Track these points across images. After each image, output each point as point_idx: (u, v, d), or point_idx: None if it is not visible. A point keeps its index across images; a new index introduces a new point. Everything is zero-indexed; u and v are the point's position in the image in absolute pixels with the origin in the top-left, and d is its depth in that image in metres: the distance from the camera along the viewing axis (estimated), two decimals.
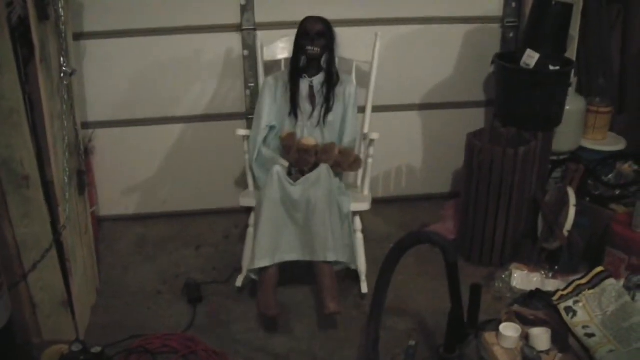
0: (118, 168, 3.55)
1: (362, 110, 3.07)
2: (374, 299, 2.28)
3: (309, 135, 2.92)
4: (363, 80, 3.15)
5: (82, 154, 2.77)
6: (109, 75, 3.34)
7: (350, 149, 2.91)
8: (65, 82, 2.50)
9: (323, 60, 2.94)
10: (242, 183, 3.57)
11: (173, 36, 3.31)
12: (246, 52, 3.35)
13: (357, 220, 2.89)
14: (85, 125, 3.34)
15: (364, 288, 2.91)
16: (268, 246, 2.65)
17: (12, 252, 2.38)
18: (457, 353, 2.34)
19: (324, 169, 2.70)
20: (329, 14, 2.90)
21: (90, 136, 3.39)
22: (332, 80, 2.94)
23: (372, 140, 2.88)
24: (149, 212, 3.68)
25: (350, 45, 3.02)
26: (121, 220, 3.64)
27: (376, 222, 3.57)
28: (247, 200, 2.88)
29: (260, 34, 3.16)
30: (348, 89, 2.96)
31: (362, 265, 2.92)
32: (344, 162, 2.82)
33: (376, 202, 3.16)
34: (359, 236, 2.90)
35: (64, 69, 2.48)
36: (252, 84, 3.40)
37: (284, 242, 2.69)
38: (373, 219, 2.96)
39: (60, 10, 2.41)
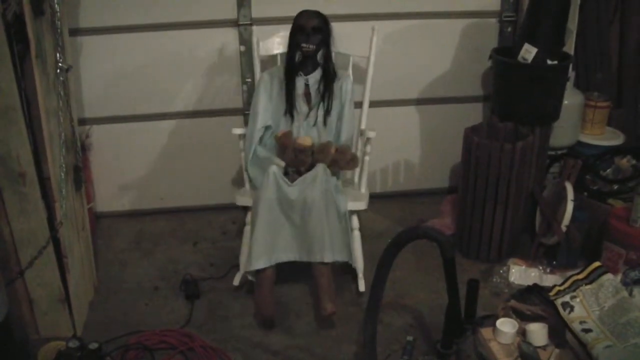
0: (115, 164, 3.54)
1: (359, 105, 3.06)
2: (371, 294, 2.27)
3: (306, 134, 2.88)
4: (360, 75, 3.14)
5: (79, 150, 2.77)
6: (106, 71, 3.33)
7: (347, 146, 2.87)
8: (61, 78, 2.48)
9: (319, 56, 2.89)
10: (239, 179, 3.57)
11: (169, 32, 3.30)
12: (242, 48, 3.35)
13: (355, 219, 2.88)
14: (82, 121, 3.33)
15: (361, 286, 2.90)
16: (265, 247, 2.63)
17: (9, 249, 2.37)
18: (454, 348, 2.35)
19: (320, 168, 2.67)
20: (325, 9, 2.89)
21: (87, 132, 3.38)
22: (329, 78, 2.89)
23: (368, 139, 2.84)
24: (146, 208, 3.67)
25: (347, 40, 3.00)
26: (118, 217, 3.63)
27: (374, 218, 3.57)
28: (243, 199, 2.87)
29: (256, 29, 3.15)
30: (344, 85, 2.92)
31: (359, 263, 2.90)
32: (340, 160, 2.78)
33: (374, 197, 3.16)
34: (356, 234, 2.89)
35: (59, 64, 2.47)
36: (249, 80, 3.40)
37: (280, 243, 2.66)
38: (371, 214, 2.96)
39: (56, 5, 2.40)
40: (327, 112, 2.90)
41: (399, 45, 3.47)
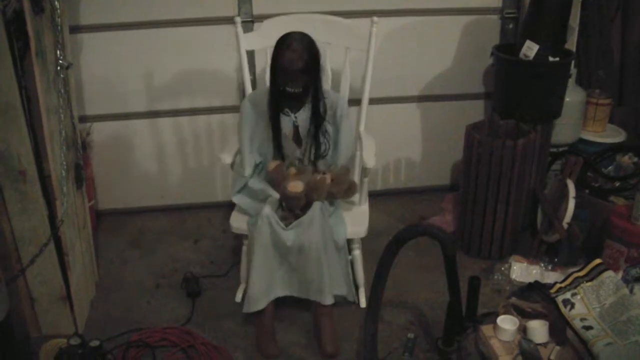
0: (116, 162, 3.55)
1: (358, 102, 3.04)
2: (372, 292, 2.28)
3: (298, 170, 2.64)
4: (359, 70, 3.10)
5: (80, 147, 2.77)
6: (106, 69, 3.32)
7: (344, 172, 2.64)
8: (61, 76, 2.48)
9: (307, 92, 2.56)
10: None
11: (170, 29, 3.29)
12: None
13: (357, 238, 2.77)
14: (83, 118, 3.33)
15: (362, 303, 2.82)
16: (262, 289, 2.53)
17: (9, 247, 2.37)
18: (455, 346, 2.35)
19: (316, 209, 2.48)
20: (325, 6, 2.87)
21: (88, 130, 3.38)
22: (319, 118, 2.60)
23: (365, 169, 2.65)
24: (147, 205, 3.68)
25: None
26: (119, 214, 3.63)
27: (375, 215, 3.54)
28: (238, 225, 2.67)
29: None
30: (339, 110, 2.64)
31: (360, 280, 2.84)
32: (337, 192, 2.60)
33: (375, 195, 3.15)
34: (357, 253, 2.79)
35: (60, 62, 2.47)
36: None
37: (278, 281, 2.57)
38: (371, 211, 2.95)
39: (56, 3, 2.40)
40: (317, 157, 2.68)
41: (399, 42, 3.46)
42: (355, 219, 2.72)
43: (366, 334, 2.29)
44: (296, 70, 2.41)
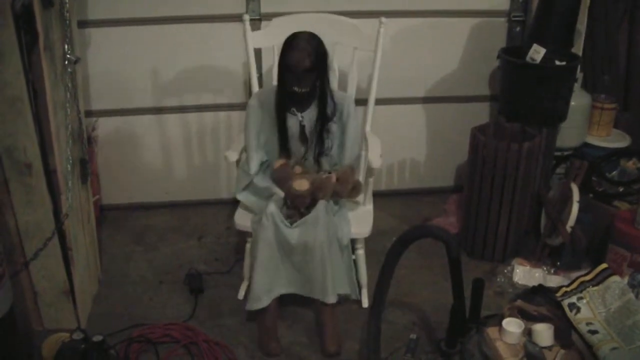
0: (121, 157, 3.54)
1: (364, 102, 3.04)
2: (376, 292, 2.28)
3: (304, 168, 2.65)
4: (365, 71, 3.11)
5: (85, 142, 2.77)
6: (113, 64, 3.32)
7: (350, 171, 2.63)
8: (69, 70, 2.48)
9: (314, 92, 2.58)
10: None
11: (178, 25, 3.29)
12: None
13: (361, 239, 2.76)
14: (89, 113, 3.33)
15: (365, 302, 2.83)
16: (265, 287, 2.53)
17: (14, 240, 2.38)
18: (458, 348, 2.34)
19: (321, 208, 2.48)
20: (333, 6, 2.87)
21: (94, 125, 3.38)
22: (325, 117, 2.60)
23: (371, 169, 2.64)
24: (152, 201, 3.67)
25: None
26: (124, 210, 3.63)
27: (379, 216, 3.55)
28: (242, 223, 2.68)
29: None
30: (346, 110, 2.64)
31: (363, 280, 2.82)
32: (342, 192, 2.59)
33: (379, 195, 3.15)
34: (361, 253, 2.78)
35: (67, 56, 2.46)
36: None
37: (281, 279, 2.56)
38: (376, 212, 2.95)
39: None
40: (321, 154, 2.67)
41: (406, 43, 3.46)
42: (360, 219, 2.72)
43: (369, 334, 2.29)
44: (303, 70, 2.42)
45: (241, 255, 2.98)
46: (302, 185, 2.52)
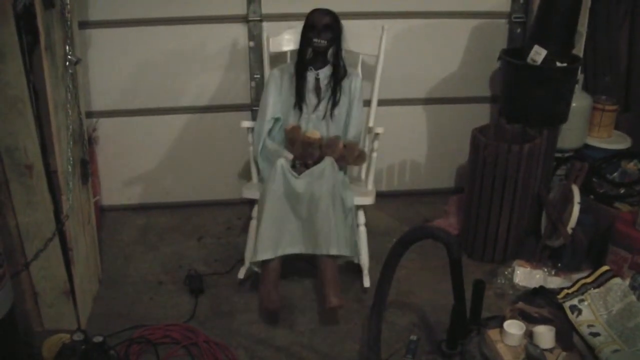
0: (121, 158, 3.54)
1: (367, 103, 3.05)
2: (377, 293, 2.27)
3: (314, 128, 2.89)
4: (369, 73, 3.13)
5: (86, 143, 2.77)
6: (114, 65, 3.32)
7: (355, 142, 2.88)
8: (70, 71, 2.48)
9: (330, 53, 2.90)
10: (245, 174, 3.57)
11: (178, 26, 3.29)
12: (252, 44, 3.34)
13: (361, 214, 2.88)
14: (89, 114, 3.33)
15: (366, 282, 2.90)
16: (271, 239, 2.64)
17: (14, 241, 2.37)
18: (458, 349, 2.34)
19: (328, 162, 2.67)
20: (335, 7, 2.88)
21: (94, 125, 3.38)
22: (338, 74, 2.90)
23: (377, 134, 2.84)
24: (152, 202, 3.67)
25: (357, 38, 3.00)
26: (124, 210, 3.63)
27: (379, 216, 3.57)
28: (250, 192, 2.87)
29: (266, 25, 3.14)
30: (354, 83, 2.93)
31: (364, 259, 2.91)
32: (348, 156, 2.80)
33: (379, 196, 3.15)
34: (362, 229, 2.89)
35: (69, 57, 2.46)
36: (258, 76, 3.39)
37: (286, 235, 2.67)
38: (376, 213, 2.95)
39: None
40: (335, 105, 2.91)
41: (407, 44, 3.46)
42: (362, 192, 2.88)
43: (370, 334, 2.28)
44: (323, 25, 2.80)
45: (241, 256, 3.00)
46: (314, 133, 2.77)
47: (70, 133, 2.48)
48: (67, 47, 2.45)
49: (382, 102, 3.20)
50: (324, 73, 2.93)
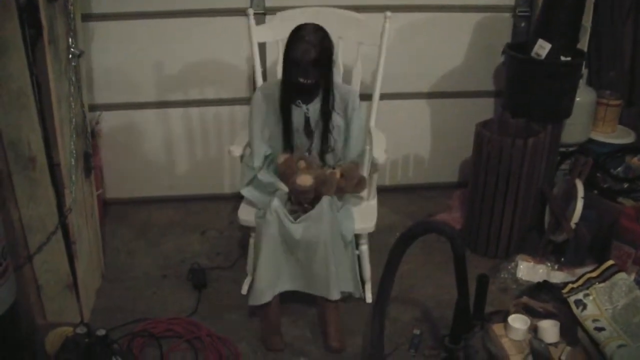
0: (125, 151, 3.54)
1: (369, 97, 3.03)
2: (380, 287, 2.27)
3: (310, 159, 2.63)
4: (370, 65, 3.09)
5: (89, 136, 2.76)
6: (117, 58, 3.31)
7: (354, 166, 2.63)
8: (73, 64, 2.47)
9: (319, 85, 2.56)
10: None
11: (181, 19, 3.28)
12: None
13: (364, 234, 2.75)
14: (92, 107, 3.31)
15: (368, 298, 2.83)
16: (268, 282, 2.53)
17: (17, 234, 2.37)
18: (462, 344, 2.34)
19: (325, 204, 2.46)
20: (337, 0, 2.86)
21: (97, 118, 3.37)
22: (327, 113, 2.59)
23: (376, 165, 2.65)
24: (155, 196, 3.67)
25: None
26: (127, 204, 3.63)
27: (382, 211, 3.53)
28: (246, 218, 2.65)
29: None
30: (350, 103, 2.63)
31: (366, 275, 2.83)
32: (347, 187, 2.58)
33: (383, 190, 3.14)
34: (364, 249, 2.77)
35: (72, 50, 2.45)
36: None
37: (284, 275, 2.56)
38: (379, 207, 2.94)
39: None
40: (326, 150, 2.66)
41: (411, 37, 3.45)
42: (364, 214, 2.71)
43: (373, 329, 2.28)
44: (308, 62, 2.39)
45: (244, 250, 2.99)
46: (305, 180, 2.49)
47: (73, 126, 2.47)
48: (70, 40, 2.44)
49: (385, 96, 3.18)
50: (314, 107, 2.60)
